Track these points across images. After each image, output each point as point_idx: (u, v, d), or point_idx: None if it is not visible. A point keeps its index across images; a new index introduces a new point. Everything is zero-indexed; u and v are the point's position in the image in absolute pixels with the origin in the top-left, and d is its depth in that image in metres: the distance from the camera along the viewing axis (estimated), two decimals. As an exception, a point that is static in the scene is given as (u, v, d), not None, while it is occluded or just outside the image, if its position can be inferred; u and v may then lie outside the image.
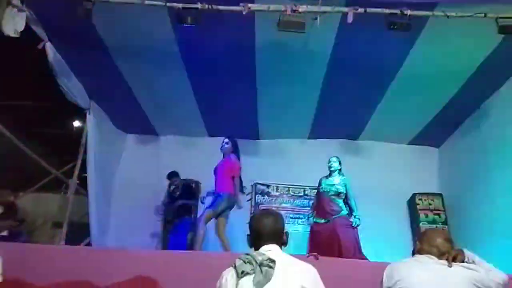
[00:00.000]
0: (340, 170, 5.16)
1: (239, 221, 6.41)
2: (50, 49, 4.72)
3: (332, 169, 5.15)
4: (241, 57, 5.03)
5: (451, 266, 1.94)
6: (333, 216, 4.83)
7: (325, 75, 5.31)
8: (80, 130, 6.47)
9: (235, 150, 5.23)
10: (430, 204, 6.57)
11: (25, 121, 6.60)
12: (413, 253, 2.18)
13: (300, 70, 5.26)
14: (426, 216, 6.47)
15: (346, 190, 4.98)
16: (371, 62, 4.94)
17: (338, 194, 4.95)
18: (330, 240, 4.64)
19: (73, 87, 5.37)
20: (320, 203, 5.07)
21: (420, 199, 6.63)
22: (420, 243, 2.14)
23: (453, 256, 1.99)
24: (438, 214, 6.47)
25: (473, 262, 2.01)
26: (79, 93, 5.55)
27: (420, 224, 6.36)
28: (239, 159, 5.17)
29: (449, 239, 2.11)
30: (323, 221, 4.91)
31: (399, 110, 5.94)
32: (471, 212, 5.84)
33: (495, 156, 5.33)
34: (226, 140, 5.25)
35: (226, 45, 4.80)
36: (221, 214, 4.90)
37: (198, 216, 5.70)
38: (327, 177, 5.19)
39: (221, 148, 5.25)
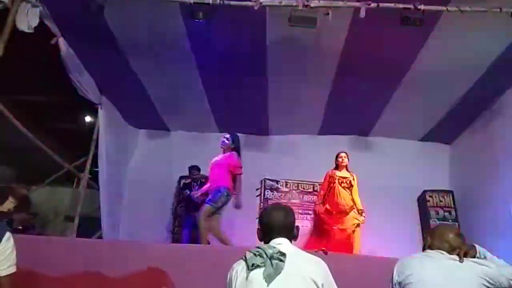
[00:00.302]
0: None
1: (248, 216, 6.47)
2: (63, 45, 4.77)
3: (343, 164, 5.15)
4: (252, 53, 5.03)
5: (462, 261, 1.93)
6: (346, 209, 4.84)
7: (337, 70, 5.28)
8: (92, 125, 6.54)
9: (237, 147, 5.12)
10: (440, 201, 6.51)
11: (37, 116, 6.69)
12: (424, 249, 2.17)
13: (311, 66, 5.23)
14: (437, 213, 6.41)
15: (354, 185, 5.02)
16: (383, 58, 4.89)
17: (349, 187, 4.99)
18: (343, 235, 4.67)
19: (84, 82, 5.42)
20: (333, 194, 5.03)
21: (430, 196, 6.57)
22: (431, 238, 2.12)
23: (465, 251, 1.98)
24: (449, 211, 6.41)
25: (485, 257, 1.99)
26: (90, 88, 5.61)
27: (431, 221, 6.30)
28: (240, 156, 5.06)
29: (460, 235, 2.10)
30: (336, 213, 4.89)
31: (410, 106, 5.88)
32: (482, 209, 5.77)
33: (508, 153, 5.26)
34: (227, 136, 5.15)
35: (237, 41, 4.80)
36: (218, 211, 4.80)
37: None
38: (335, 170, 5.20)
39: (221, 144, 5.14)
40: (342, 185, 5.03)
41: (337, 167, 5.24)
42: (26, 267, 3.08)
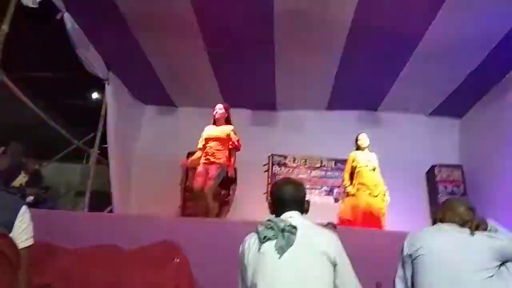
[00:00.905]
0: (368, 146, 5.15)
1: (256, 191, 6.52)
2: (68, 20, 4.73)
3: (364, 145, 5.11)
4: (259, 26, 4.95)
5: (473, 234, 1.93)
6: (376, 192, 4.84)
7: (345, 43, 5.20)
8: (100, 101, 6.55)
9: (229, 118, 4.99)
10: (449, 176, 6.51)
11: (45, 92, 6.70)
12: (435, 222, 2.18)
13: (320, 39, 5.15)
14: (445, 187, 6.43)
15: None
16: (394, 30, 4.80)
17: (374, 169, 4.97)
18: (371, 215, 4.70)
19: (91, 58, 5.40)
20: (361, 176, 5.00)
21: (439, 171, 6.57)
22: (443, 212, 2.13)
23: (476, 224, 1.98)
24: (458, 186, 6.42)
25: (496, 230, 1.99)
26: (97, 64, 5.59)
27: (439, 195, 6.32)
28: None
29: (471, 208, 2.10)
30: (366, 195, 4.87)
31: (421, 80, 5.81)
32: (490, 184, 5.76)
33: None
34: (221, 105, 4.99)
35: (244, 14, 4.73)
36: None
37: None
38: (357, 150, 5.17)
39: (215, 114, 5.00)
40: (367, 167, 4.99)
41: (358, 148, 5.19)
42: (41, 240, 3.16)
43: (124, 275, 2.60)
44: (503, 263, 1.89)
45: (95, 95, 7.64)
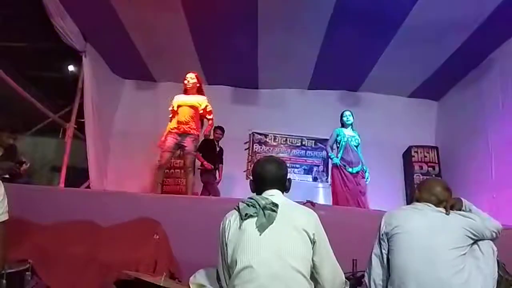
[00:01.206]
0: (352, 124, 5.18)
1: (236, 169, 6.53)
2: (42, -13, 4.52)
3: (348, 122, 5.14)
4: (243, 1, 4.86)
5: (448, 214, 1.99)
6: (357, 168, 4.91)
7: (329, 23, 5.17)
8: (77, 73, 6.35)
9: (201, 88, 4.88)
10: (425, 157, 6.67)
11: (20, 64, 6.44)
12: (411, 201, 2.23)
13: (303, 17, 5.11)
14: (421, 167, 6.60)
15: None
16: (377, 11, 4.80)
17: (357, 146, 5.05)
18: (355, 192, 4.77)
19: (67, 28, 5.22)
20: (346, 152, 5.06)
21: (415, 152, 6.73)
22: (419, 192, 2.18)
23: (451, 204, 2.04)
24: (433, 167, 6.59)
25: (470, 210, 2.06)
26: (74, 35, 5.40)
27: (414, 175, 6.49)
28: None
29: (447, 188, 2.15)
30: (352, 170, 4.93)
31: (401, 61, 5.85)
32: (465, 165, 5.95)
33: (493, 111, 5.34)
34: (192, 74, 4.85)
35: (227, -12, 4.62)
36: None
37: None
38: (342, 127, 5.21)
39: (186, 83, 4.84)
40: (351, 143, 5.05)
41: (343, 125, 5.21)
42: (16, 215, 3.09)
43: (103, 252, 2.58)
44: (475, 242, 1.96)
45: (72, 68, 7.39)
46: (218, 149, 6.02)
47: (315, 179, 7.01)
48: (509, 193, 4.74)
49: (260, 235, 1.75)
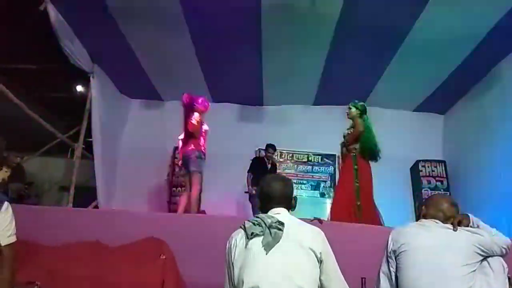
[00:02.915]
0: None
1: (241, 187, 6.52)
2: (51, 10, 4.64)
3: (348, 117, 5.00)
4: (246, 20, 4.93)
5: (456, 230, 1.97)
6: None
7: (332, 39, 5.21)
8: (85, 94, 6.45)
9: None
10: (433, 171, 6.62)
11: (29, 85, 6.56)
12: (419, 218, 2.21)
13: (307, 34, 5.16)
14: (429, 182, 6.54)
15: None
16: (380, 26, 4.83)
17: None
18: None
19: (76, 50, 5.32)
20: None
21: (423, 166, 6.68)
22: (426, 208, 2.16)
23: (458, 220, 2.02)
24: (441, 181, 6.53)
25: (478, 226, 2.04)
26: (82, 56, 5.50)
27: (423, 190, 6.43)
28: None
29: (454, 204, 2.14)
30: None
31: (406, 75, 5.87)
32: (472, 179, 5.89)
33: (499, 124, 5.31)
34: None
35: (231, 7, 4.69)
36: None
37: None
38: None
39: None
40: None
41: None
42: (24, 237, 3.11)
43: (110, 273, 2.58)
44: (484, 258, 1.93)
45: (80, 88, 7.51)
46: (269, 167, 5.98)
47: (322, 194, 6.97)
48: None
49: (266, 254, 1.74)
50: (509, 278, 1.97)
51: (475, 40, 5.01)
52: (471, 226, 2.02)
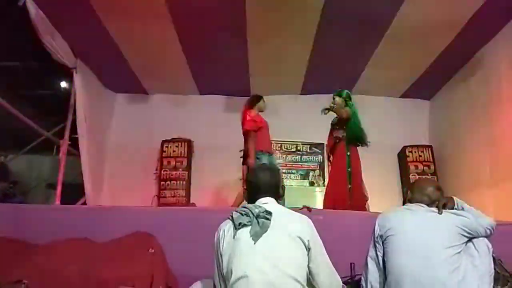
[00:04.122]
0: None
1: (232, 176, 6.52)
2: (31, 6, 4.53)
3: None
4: (231, 10, 4.88)
5: (441, 213, 2.00)
6: None
7: (318, 27, 5.19)
8: (69, 90, 6.35)
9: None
10: (420, 156, 6.68)
11: (11, 82, 6.44)
12: (404, 202, 2.24)
13: (292, 23, 5.13)
14: (416, 167, 6.60)
15: None
16: (364, 13, 4.83)
17: None
18: None
19: (58, 46, 5.21)
20: None
21: (410, 151, 6.74)
22: (412, 192, 2.19)
23: (443, 203, 2.05)
24: (428, 165, 6.60)
25: (462, 208, 2.07)
26: (64, 51, 5.39)
27: (410, 175, 6.50)
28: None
29: (439, 188, 2.17)
30: None
31: (392, 62, 5.88)
32: (459, 162, 5.97)
33: (484, 108, 5.38)
34: None
35: (215, -2, 4.64)
36: None
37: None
38: None
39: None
40: None
41: None
42: (11, 235, 3.07)
43: (99, 269, 2.56)
44: (470, 240, 1.97)
45: (63, 84, 7.40)
46: None
47: (311, 183, 7.00)
48: (505, 188, 4.76)
49: (254, 243, 1.75)
50: (494, 258, 2.01)
51: (458, 26, 5.03)
52: (455, 209, 2.06)
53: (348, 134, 4.69)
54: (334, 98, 4.97)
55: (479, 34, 5.14)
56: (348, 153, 4.68)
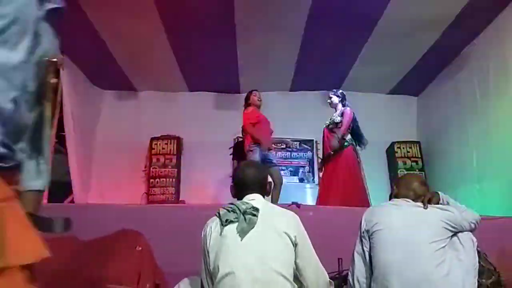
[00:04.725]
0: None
1: (221, 174, 6.52)
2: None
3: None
4: (219, 5, 4.86)
5: (426, 208, 2.02)
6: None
7: (306, 24, 5.19)
8: (55, 87, 6.25)
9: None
10: (408, 152, 6.75)
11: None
12: (391, 198, 2.26)
13: (280, 20, 5.12)
14: (404, 163, 6.67)
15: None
16: (352, 10, 4.85)
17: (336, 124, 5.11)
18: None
19: (43, 42, 5.13)
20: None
21: (398, 147, 6.80)
22: (397, 188, 2.21)
23: (428, 198, 2.07)
24: (416, 161, 6.67)
25: (447, 203, 2.09)
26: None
27: (398, 171, 6.55)
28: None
29: (424, 183, 2.19)
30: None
31: (379, 59, 5.92)
32: (447, 158, 6.05)
33: (472, 103, 5.44)
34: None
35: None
36: None
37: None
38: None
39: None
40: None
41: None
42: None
43: (85, 267, 2.54)
44: (455, 234, 1.99)
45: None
46: None
47: (301, 180, 7.03)
48: (491, 183, 4.83)
49: (241, 240, 1.75)
50: (479, 252, 2.04)
51: (445, 23, 5.07)
52: (441, 203, 2.08)
53: (353, 137, 5.05)
54: (330, 97, 5.11)
55: (465, 31, 5.19)
56: (359, 159, 5.08)
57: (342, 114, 5.12)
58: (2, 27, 0.86)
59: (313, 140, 7.07)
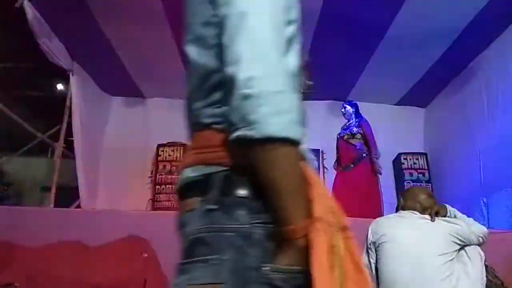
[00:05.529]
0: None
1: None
2: (28, 8, 4.52)
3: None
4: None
5: (433, 221, 2.02)
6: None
7: (314, 33, 5.22)
8: (65, 92, 6.34)
9: None
10: (415, 163, 6.70)
11: (7, 84, 6.42)
12: (397, 209, 2.25)
13: (288, 30, 5.15)
14: (411, 174, 6.62)
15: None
16: (360, 22, 4.87)
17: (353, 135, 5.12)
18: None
19: (54, 48, 5.20)
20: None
21: (405, 159, 6.75)
22: (404, 200, 2.20)
23: (436, 210, 2.06)
24: (423, 173, 6.62)
25: (455, 216, 2.08)
26: (61, 54, 5.39)
27: (405, 182, 6.51)
28: None
29: (431, 195, 2.19)
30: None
31: (387, 70, 5.91)
32: (454, 170, 6.00)
33: (478, 116, 5.42)
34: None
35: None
36: None
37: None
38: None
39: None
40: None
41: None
42: (3, 238, 3.05)
43: (91, 273, 2.55)
44: (462, 247, 1.98)
45: (59, 87, 7.39)
46: None
47: (307, 189, 7.00)
48: (498, 197, 4.79)
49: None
50: (486, 266, 2.02)
51: (454, 35, 5.07)
52: (448, 216, 2.07)
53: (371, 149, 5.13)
54: (345, 107, 5.12)
55: (474, 42, 5.19)
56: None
57: (359, 125, 5.11)
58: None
59: (319, 149, 7.05)
